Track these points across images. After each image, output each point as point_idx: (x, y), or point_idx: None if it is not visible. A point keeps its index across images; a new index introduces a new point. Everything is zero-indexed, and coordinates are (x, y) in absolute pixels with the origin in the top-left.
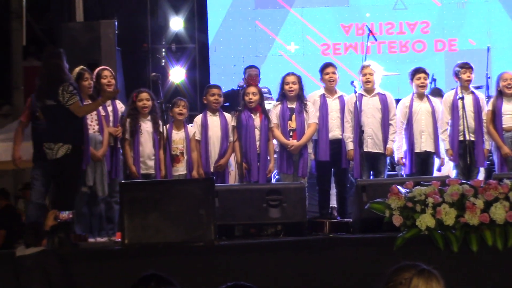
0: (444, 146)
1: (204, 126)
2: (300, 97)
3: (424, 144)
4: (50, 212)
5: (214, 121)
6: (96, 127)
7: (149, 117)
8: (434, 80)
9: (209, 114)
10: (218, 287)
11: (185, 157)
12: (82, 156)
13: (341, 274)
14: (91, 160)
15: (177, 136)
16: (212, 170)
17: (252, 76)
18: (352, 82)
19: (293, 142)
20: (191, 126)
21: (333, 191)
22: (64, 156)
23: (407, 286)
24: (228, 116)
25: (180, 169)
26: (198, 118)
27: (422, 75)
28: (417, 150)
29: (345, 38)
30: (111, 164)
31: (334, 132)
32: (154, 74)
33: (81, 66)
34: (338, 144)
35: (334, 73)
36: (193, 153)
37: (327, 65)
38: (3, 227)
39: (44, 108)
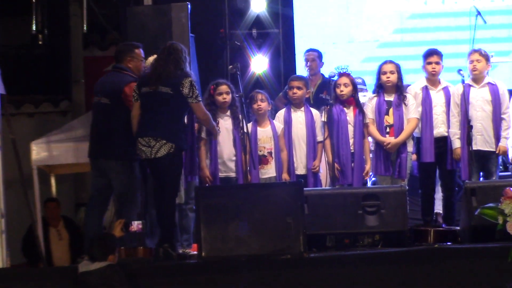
0: None
1: (287, 123)
2: (398, 89)
3: None
4: (117, 222)
5: (298, 117)
6: None
7: (228, 112)
8: None
9: (292, 109)
10: None
11: (274, 158)
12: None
13: None
14: None
15: (263, 134)
16: (298, 172)
17: (307, 61)
18: (459, 71)
19: (390, 139)
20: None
21: (438, 195)
22: (166, 156)
23: None
24: (314, 111)
25: (269, 171)
26: (281, 114)
27: None
28: None
29: (449, 21)
30: (187, 165)
31: (439, 129)
32: (232, 66)
33: (155, 56)
34: (443, 142)
35: (438, 63)
36: (283, 152)
37: (432, 52)
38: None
39: (152, 95)
